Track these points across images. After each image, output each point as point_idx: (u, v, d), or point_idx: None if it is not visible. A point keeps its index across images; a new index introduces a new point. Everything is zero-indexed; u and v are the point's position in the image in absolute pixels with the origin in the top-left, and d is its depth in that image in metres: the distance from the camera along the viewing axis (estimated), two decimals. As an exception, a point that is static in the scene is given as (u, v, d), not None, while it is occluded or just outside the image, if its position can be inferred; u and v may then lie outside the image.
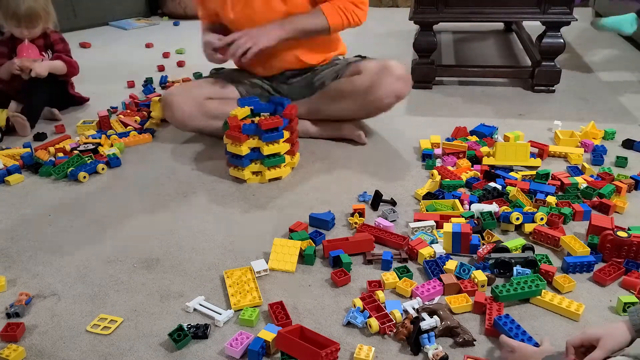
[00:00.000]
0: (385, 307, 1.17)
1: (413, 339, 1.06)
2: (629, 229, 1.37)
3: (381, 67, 1.82)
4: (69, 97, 2.36)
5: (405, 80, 1.85)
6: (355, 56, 2.02)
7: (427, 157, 1.81)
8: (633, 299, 1.16)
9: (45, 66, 2.17)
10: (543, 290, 1.18)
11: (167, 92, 1.87)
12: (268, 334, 1.07)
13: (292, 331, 1.06)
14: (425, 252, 1.32)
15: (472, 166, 1.75)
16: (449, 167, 1.73)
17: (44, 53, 2.23)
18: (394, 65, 1.82)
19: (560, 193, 1.59)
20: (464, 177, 1.67)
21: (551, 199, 1.52)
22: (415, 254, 1.33)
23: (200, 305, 1.20)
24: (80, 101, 2.40)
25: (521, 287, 1.18)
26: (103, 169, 1.69)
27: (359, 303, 1.16)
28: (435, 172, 1.69)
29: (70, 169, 1.75)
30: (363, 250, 1.36)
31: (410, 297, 1.21)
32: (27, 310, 1.20)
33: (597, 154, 1.80)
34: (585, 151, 1.85)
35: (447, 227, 1.34)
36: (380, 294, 1.19)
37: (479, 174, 1.70)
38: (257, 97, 1.80)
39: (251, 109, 1.70)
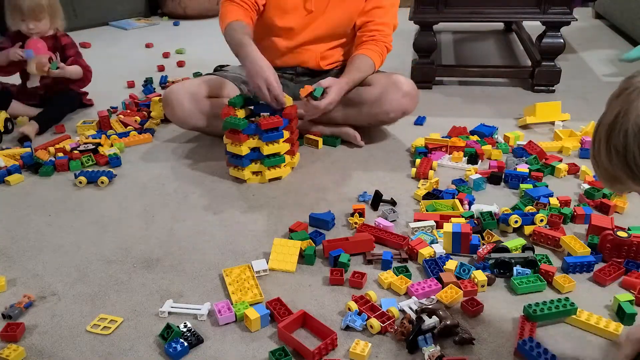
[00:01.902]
0: (380, 306, 1.17)
1: (410, 338, 1.06)
2: (629, 229, 1.37)
3: (389, 81, 1.84)
4: (81, 105, 2.38)
5: (412, 97, 1.86)
6: None
7: (422, 155, 1.83)
8: (629, 297, 1.17)
9: (67, 69, 2.19)
10: (578, 310, 1.13)
11: (167, 90, 1.87)
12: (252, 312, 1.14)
13: (295, 320, 1.11)
14: (425, 252, 1.32)
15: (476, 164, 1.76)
16: (434, 162, 1.76)
17: (52, 54, 2.23)
18: (402, 81, 1.85)
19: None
20: (468, 174, 1.68)
21: (554, 200, 1.52)
22: (415, 253, 1.33)
23: (173, 307, 1.19)
24: (88, 105, 2.41)
25: (555, 306, 1.12)
26: (102, 182, 1.71)
27: (354, 306, 1.16)
28: (431, 173, 1.68)
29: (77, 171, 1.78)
30: (363, 250, 1.36)
31: (406, 295, 1.22)
32: (25, 311, 1.20)
33: (586, 148, 1.83)
34: (581, 147, 1.86)
35: (447, 227, 1.34)
36: (372, 294, 1.19)
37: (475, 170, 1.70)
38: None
39: (251, 109, 1.70)
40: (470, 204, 1.54)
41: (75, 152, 1.87)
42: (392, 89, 1.83)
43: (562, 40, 2.35)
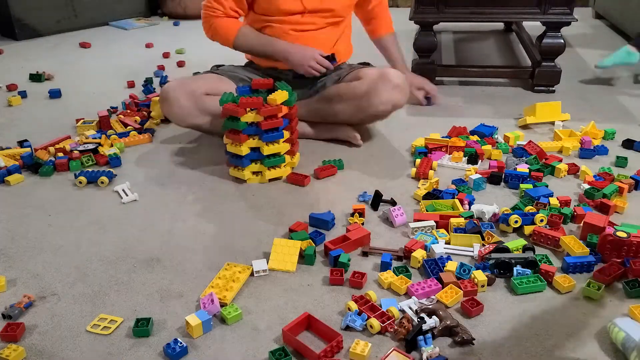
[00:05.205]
0: (380, 306, 1.17)
1: (410, 337, 1.06)
2: (615, 226, 1.38)
3: (379, 75, 1.83)
4: None
5: (401, 90, 1.84)
6: (360, 63, 2.03)
7: (422, 155, 1.83)
8: None
9: None
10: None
11: (164, 87, 1.83)
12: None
13: (299, 323, 1.11)
14: (418, 254, 1.31)
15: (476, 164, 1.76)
16: (434, 162, 1.76)
17: None
18: (392, 74, 1.84)
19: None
20: (468, 174, 1.68)
21: (554, 200, 1.52)
22: (410, 256, 1.33)
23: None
24: None
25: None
26: (102, 182, 1.71)
27: (354, 306, 1.16)
28: (431, 173, 1.68)
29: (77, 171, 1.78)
30: (363, 244, 1.37)
31: (406, 295, 1.22)
32: (25, 311, 1.20)
33: (586, 148, 1.83)
34: (581, 147, 1.86)
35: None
36: (372, 294, 1.19)
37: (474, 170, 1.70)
38: None
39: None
40: (470, 204, 1.54)
41: (75, 152, 1.87)
42: (381, 82, 1.81)
43: (562, 41, 2.34)
